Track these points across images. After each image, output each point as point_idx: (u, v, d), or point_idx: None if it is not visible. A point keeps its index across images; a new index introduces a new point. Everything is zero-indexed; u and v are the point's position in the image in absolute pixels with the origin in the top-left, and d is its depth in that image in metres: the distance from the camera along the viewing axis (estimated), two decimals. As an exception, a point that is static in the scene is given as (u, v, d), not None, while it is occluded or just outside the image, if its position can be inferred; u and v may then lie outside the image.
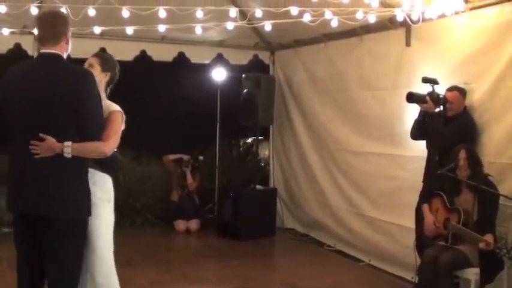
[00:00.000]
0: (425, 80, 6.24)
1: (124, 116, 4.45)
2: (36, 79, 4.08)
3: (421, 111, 6.38)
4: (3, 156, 4.33)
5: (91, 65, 4.52)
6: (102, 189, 4.42)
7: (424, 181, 6.56)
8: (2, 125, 4.15)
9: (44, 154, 3.97)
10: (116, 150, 4.40)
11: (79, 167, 4.13)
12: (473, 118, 6.20)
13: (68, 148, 3.96)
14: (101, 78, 4.50)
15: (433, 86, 6.23)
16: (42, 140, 3.96)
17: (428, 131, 6.33)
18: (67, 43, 4.23)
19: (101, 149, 4.13)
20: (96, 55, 4.72)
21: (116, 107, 4.44)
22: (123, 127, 4.45)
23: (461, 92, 6.23)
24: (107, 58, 4.69)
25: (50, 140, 3.95)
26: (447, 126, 6.17)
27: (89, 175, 4.26)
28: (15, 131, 4.12)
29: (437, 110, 6.23)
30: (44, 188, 4.05)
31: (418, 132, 6.51)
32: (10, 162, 4.21)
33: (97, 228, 4.34)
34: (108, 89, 4.62)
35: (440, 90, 6.25)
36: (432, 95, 6.18)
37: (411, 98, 6.21)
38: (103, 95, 4.48)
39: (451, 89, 6.25)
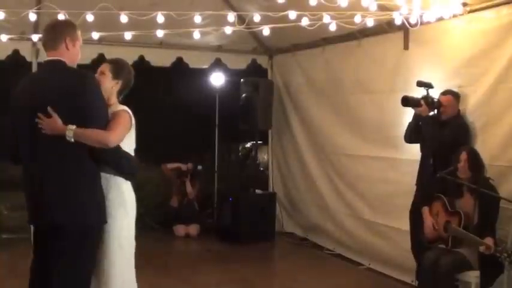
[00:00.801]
0: (420, 84, 6.31)
1: (133, 118, 4.35)
2: (37, 89, 4.10)
3: (415, 115, 6.45)
4: (4, 164, 4.37)
5: (102, 72, 4.43)
6: (116, 193, 4.31)
7: (417, 184, 6.61)
8: (16, 144, 4.21)
9: (47, 131, 3.94)
10: (129, 153, 4.36)
11: (88, 173, 4.10)
12: (466, 122, 6.26)
13: (71, 131, 3.90)
14: (112, 86, 4.40)
15: (427, 90, 6.30)
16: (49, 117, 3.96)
17: (422, 135, 6.38)
18: (68, 48, 4.19)
19: (103, 138, 4.00)
20: (109, 61, 4.62)
21: (123, 107, 4.36)
22: (132, 130, 4.38)
23: (455, 95, 6.29)
24: (120, 65, 4.53)
25: (56, 118, 3.93)
26: (441, 129, 6.22)
27: (104, 180, 4.23)
28: (24, 143, 4.15)
29: (431, 113, 6.29)
30: (51, 197, 4.04)
31: (412, 135, 6.59)
32: (22, 174, 4.24)
33: (110, 235, 4.25)
34: (121, 97, 4.51)
35: (435, 94, 6.31)
36: (427, 98, 6.25)
37: (406, 101, 6.28)
38: (113, 101, 4.41)
39: (445, 92, 6.30)
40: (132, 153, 4.42)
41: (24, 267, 4.32)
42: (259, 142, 10.58)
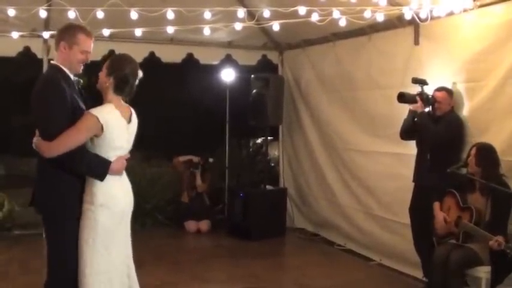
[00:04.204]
0: (415, 81, 6.51)
1: (103, 121, 4.30)
2: None
3: (410, 111, 6.60)
4: (16, 161, 4.49)
5: (102, 70, 4.52)
6: (87, 192, 4.40)
7: (414, 180, 6.66)
8: None
9: None
10: (96, 155, 4.36)
11: (50, 166, 4.32)
12: (460, 117, 6.37)
13: (34, 144, 4.28)
14: (105, 81, 4.44)
15: (422, 87, 6.50)
16: None
17: (419, 130, 6.50)
18: (62, 51, 4.47)
19: (40, 148, 4.27)
20: (109, 58, 4.67)
21: (93, 110, 4.36)
22: (107, 131, 4.33)
23: (449, 92, 6.43)
24: (113, 61, 4.56)
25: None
26: (436, 125, 6.35)
27: (84, 177, 4.40)
28: None
29: (426, 109, 6.44)
30: (36, 185, 4.48)
31: (408, 132, 6.72)
32: None
33: (80, 231, 4.38)
34: (121, 93, 4.48)
35: (429, 90, 6.48)
36: (422, 95, 6.42)
37: (402, 98, 6.48)
38: (108, 99, 4.44)
39: (439, 89, 6.45)
40: (111, 154, 4.43)
41: (36, 263, 4.39)
42: (269, 138, 10.59)
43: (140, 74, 4.56)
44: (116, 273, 4.49)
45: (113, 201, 4.46)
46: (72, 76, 4.54)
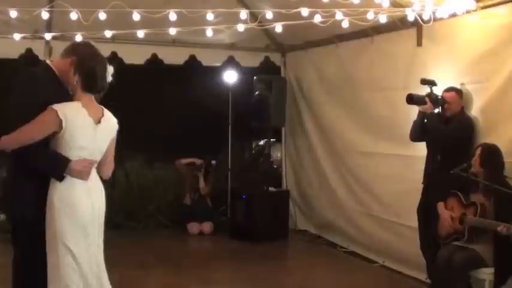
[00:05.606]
0: (424, 82, 6.45)
1: (62, 117, 4.07)
2: None
3: (419, 113, 6.55)
4: None
5: None
6: (48, 194, 4.17)
7: (423, 182, 6.63)
8: None
9: None
10: (54, 153, 4.17)
11: (21, 167, 4.17)
12: (470, 118, 6.31)
13: None
14: (73, 81, 4.24)
15: (431, 88, 6.43)
16: None
17: (429, 132, 6.46)
18: (66, 63, 4.25)
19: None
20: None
21: (56, 105, 4.13)
22: (67, 130, 4.10)
23: (459, 92, 6.36)
24: (79, 59, 4.28)
25: None
26: (446, 126, 6.31)
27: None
28: None
29: (436, 110, 6.39)
30: (4, 188, 4.35)
31: (417, 133, 6.66)
32: None
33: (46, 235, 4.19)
34: (91, 90, 4.29)
35: (438, 91, 6.42)
36: (431, 96, 6.37)
37: (411, 99, 6.41)
38: (76, 97, 4.26)
39: (448, 89, 6.39)
40: (72, 153, 4.17)
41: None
42: (272, 140, 10.57)
43: (111, 69, 4.37)
44: (85, 283, 4.24)
45: (70, 207, 4.16)
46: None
